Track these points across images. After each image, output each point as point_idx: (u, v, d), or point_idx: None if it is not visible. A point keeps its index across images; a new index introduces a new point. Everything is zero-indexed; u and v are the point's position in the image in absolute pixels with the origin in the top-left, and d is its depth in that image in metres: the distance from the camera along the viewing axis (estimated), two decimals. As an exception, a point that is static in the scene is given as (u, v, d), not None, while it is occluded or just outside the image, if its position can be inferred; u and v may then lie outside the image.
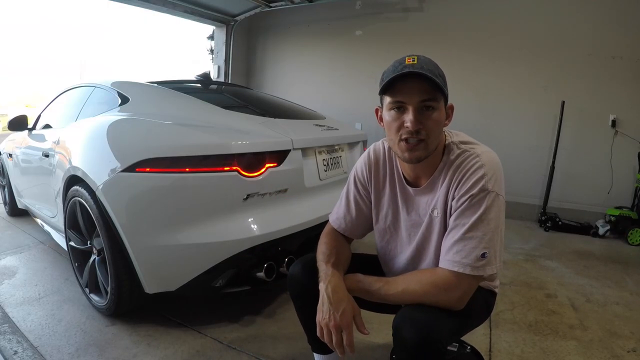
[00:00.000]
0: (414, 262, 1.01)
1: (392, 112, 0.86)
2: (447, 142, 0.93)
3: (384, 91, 0.86)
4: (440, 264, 0.87)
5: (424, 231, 0.97)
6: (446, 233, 0.89)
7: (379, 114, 0.95)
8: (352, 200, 1.09)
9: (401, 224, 1.03)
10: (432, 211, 0.93)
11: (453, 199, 0.88)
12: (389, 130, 0.89)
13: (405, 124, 0.83)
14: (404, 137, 0.85)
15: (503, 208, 0.87)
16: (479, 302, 0.96)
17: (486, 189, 0.84)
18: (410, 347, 0.77)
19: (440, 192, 0.91)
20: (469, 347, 1.13)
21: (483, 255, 0.82)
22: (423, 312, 0.81)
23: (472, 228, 0.83)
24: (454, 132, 0.97)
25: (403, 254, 1.04)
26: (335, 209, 1.14)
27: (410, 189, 0.98)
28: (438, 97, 0.84)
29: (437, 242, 0.94)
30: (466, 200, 0.84)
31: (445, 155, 0.92)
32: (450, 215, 0.88)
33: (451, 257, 0.84)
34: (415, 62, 0.82)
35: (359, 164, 1.09)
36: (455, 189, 0.88)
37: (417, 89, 0.82)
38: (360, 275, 0.93)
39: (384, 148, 1.06)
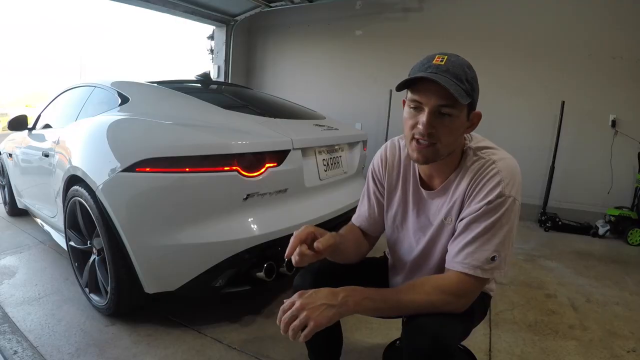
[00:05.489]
0: (420, 264, 1.01)
1: (410, 109, 0.84)
2: (465, 147, 0.91)
3: (408, 86, 0.83)
4: (450, 266, 0.85)
5: (432, 235, 0.96)
6: (456, 234, 0.87)
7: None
8: (372, 196, 1.09)
9: (409, 225, 1.02)
10: (445, 218, 0.92)
11: (469, 206, 0.86)
12: (405, 126, 0.87)
13: (418, 125, 0.82)
14: (415, 136, 0.84)
15: (518, 213, 0.85)
16: (479, 305, 0.96)
17: (503, 195, 0.82)
18: (425, 356, 0.76)
19: (456, 200, 0.89)
20: (462, 346, 1.14)
21: (493, 259, 0.81)
22: (434, 320, 0.79)
23: (485, 231, 0.82)
24: (475, 136, 0.94)
25: (410, 255, 1.03)
26: (357, 208, 1.14)
27: (423, 191, 0.97)
28: (457, 105, 0.79)
29: (444, 247, 0.93)
30: (482, 206, 0.83)
31: (462, 160, 0.90)
32: (461, 219, 0.87)
33: (461, 259, 0.83)
34: (443, 62, 0.79)
35: (375, 159, 1.09)
36: (471, 197, 0.86)
37: (436, 92, 0.78)
38: (363, 289, 0.82)
39: (400, 145, 1.04)
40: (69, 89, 2.52)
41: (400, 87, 0.83)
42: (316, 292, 0.80)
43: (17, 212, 3.10)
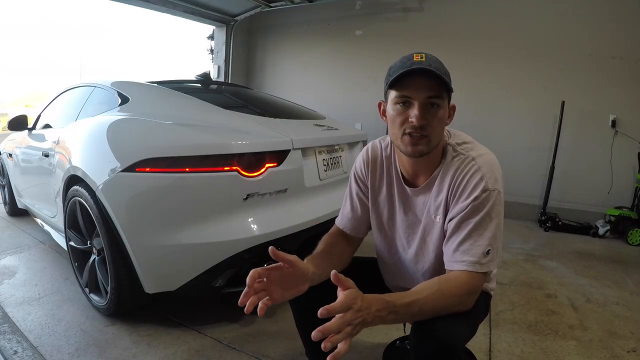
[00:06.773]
0: (415, 264, 1.01)
1: (398, 106, 0.86)
2: (445, 143, 0.93)
3: (391, 85, 0.86)
4: (450, 267, 0.86)
5: (422, 233, 0.97)
6: (448, 235, 0.88)
7: (382, 107, 0.95)
8: (355, 197, 1.10)
9: (397, 224, 1.03)
10: (435, 217, 0.93)
11: (455, 205, 0.88)
12: (393, 124, 0.89)
13: (410, 119, 0.84)
14: (407, 131, 0.85)
15: (503, 204, 0.87)
16: (481, 305, 0.96)
17: (488, 189, 0.84)
18: (434, 359, 0.77)
19: (441, 198, 0.91)
20: None
21: (487, 252, 0.83)
22: (442, 322, 0.79)
23: (476, 227, 0.84)
24: (453, 132, 0.97)
25: (403, 256, 1.04)
26: (340, 210, 1.14)
27: (407, 189, 0.98)
28: (443, 95, 0.84)
29: (436, 245, 0.94)
30: (469, 204, 0.85)
31: (444, 157, 0.92)
32: (451, 219, 0.88)
33: (459, 258, 0.84)
34: (424, 59, 0.83)
35: (358, 161, 1.10)
36: (456, 195, 0.88)
37: (424, 86, 0.82)
38: (388, 300, 0.76)
39: (382, 146, 1.06)
40: (69, 89, 2.52)
41: (393, 83, 0.85)
42: (366, 307, 0.74)
43: (17, 212, 3.10)
